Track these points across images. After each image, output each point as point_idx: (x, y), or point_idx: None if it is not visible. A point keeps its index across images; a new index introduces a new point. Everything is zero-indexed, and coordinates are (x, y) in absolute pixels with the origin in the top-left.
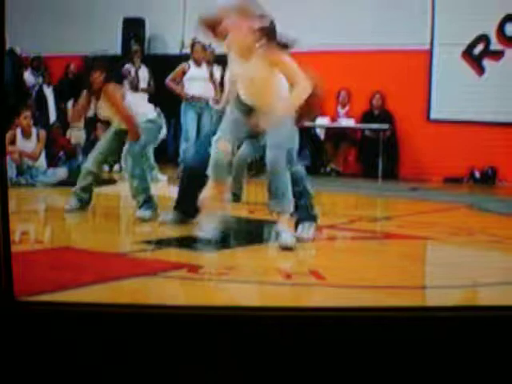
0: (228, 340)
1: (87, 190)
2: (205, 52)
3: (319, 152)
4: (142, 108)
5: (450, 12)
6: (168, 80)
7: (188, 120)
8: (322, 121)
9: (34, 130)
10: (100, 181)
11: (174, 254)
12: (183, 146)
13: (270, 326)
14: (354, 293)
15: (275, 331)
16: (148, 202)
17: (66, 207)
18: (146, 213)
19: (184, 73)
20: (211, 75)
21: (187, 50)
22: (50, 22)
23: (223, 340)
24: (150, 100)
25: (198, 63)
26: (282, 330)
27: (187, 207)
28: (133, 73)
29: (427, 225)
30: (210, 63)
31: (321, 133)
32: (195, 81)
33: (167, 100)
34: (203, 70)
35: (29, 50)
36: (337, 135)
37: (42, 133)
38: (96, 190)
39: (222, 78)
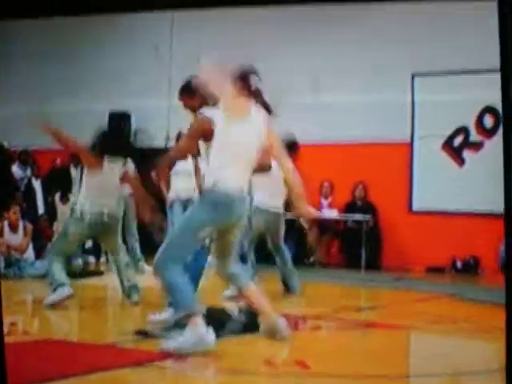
0: None
1: None
2: None
3: (303, 243)
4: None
5: (430, 105)
6: (154, 174)
7: (174, 213)
8: None
9: (20, 224)
10: (87, 272)
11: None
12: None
13: None
14: (339, 382)
15: None
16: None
17: None
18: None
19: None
20: (196, 168)
21: (172, 143)
22: (37, 117)
23: None
24: None
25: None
26: None
27: None
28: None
29: (410, 314)
30: (194, 156)
31: (304, 224)
32: (181, 174)
33: (153, 193)
34: (189, 163)
35: (16, 143)
36: (320, 226)
37: (29, 226)
38: (83, 281)
39: None
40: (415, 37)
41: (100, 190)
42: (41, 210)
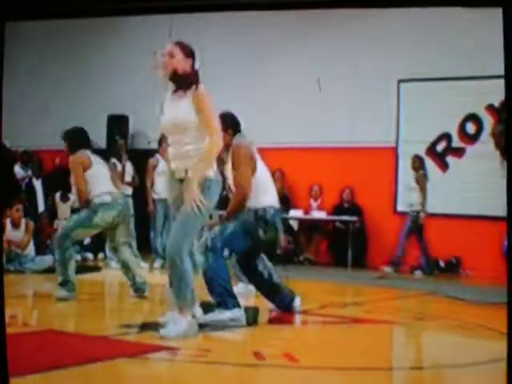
0: None
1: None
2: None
3: (293, 242)
4: (99, 187)
5: (414, 112)
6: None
7: (157, 214)
8: (296, 213)
9: (22, 221)
10: (85, 267)
11: (154, 337)
12: (151, 234)
13: None
14: (325, 374)
15: None
16: (65, 284)
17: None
18: (61, 293)
19: (154, 167)
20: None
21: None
22: (39, 119)
23: None
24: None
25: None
26: None
27: None
28: (119, 167)
29: (394, 310)
30: None
31: (294, 224)
32: (164, 175)
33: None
34: None
35: (18, 144)
36: (309, 226)
37: (30, 224)
38: (81, 277)
39: None
40: (402, 44)
41: (101, 177)
42: (41, 208)
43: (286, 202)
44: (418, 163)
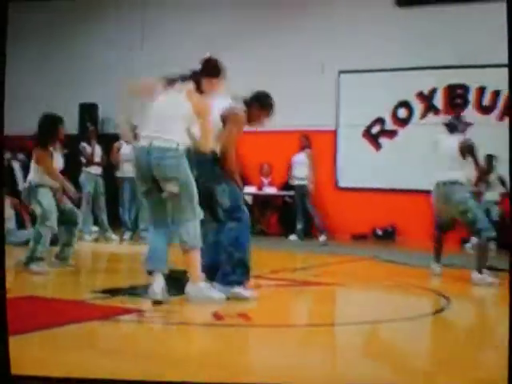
0: None
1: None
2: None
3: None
4: None
5: (352, 99)
6: (112, 159)
7: (124, 191)
8: (250, 189)
9: (7, 200)
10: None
11: (124, 301)
12: (120, 211)
13: None
14: (276, 331)
15: None
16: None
17: None
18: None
19: (118, 150)
20: None
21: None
22: (21, 105)
23: None
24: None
25: (128, 142)
26: None
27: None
28: (89, 149)
29: (338, 273)
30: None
31: (249, 199)
32: (127, 157)
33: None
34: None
35: None
36: (262, 201)
37: (14, 201)
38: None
39: None
40: (343, 39)
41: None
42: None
43: (241, 179)
44: (305, 142)
